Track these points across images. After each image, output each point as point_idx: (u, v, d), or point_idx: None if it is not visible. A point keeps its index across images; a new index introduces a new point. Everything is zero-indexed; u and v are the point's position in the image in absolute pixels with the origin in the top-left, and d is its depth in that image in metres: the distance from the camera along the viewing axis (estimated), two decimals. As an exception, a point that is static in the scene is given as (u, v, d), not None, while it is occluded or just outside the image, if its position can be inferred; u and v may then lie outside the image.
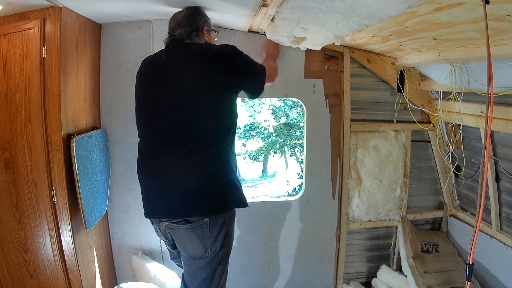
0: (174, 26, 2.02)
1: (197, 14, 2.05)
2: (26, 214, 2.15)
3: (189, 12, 2.04)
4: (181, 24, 1.99)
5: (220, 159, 1.86)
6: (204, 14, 2.08)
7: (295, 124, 11.99)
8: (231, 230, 1.95)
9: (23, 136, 2.09)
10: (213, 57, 1.85)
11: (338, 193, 2.99)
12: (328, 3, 1.60)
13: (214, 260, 1.91)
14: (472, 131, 2.64)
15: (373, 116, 2.98)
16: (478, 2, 1.22)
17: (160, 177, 1.88)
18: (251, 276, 3.03)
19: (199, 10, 2.07)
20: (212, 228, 1.82)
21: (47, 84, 2.05)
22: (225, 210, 1.88)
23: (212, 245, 1.86)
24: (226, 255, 1.99)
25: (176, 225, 1.84)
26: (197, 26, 2.00)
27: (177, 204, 1.83)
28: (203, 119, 1.82)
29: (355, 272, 3.16)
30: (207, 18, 2.09)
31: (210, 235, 1.83)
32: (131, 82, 2.68)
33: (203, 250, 1.86)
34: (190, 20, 2.00)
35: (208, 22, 2.08)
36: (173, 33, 2.00)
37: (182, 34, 1.97)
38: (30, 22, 2.04)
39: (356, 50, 2.83)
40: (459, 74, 2.27)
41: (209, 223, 1.81)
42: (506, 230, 2.47)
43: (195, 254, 1.88)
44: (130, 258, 2.83)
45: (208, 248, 1.85)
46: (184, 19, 2.00)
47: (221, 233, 1.86)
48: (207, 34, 2.06)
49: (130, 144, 2.67)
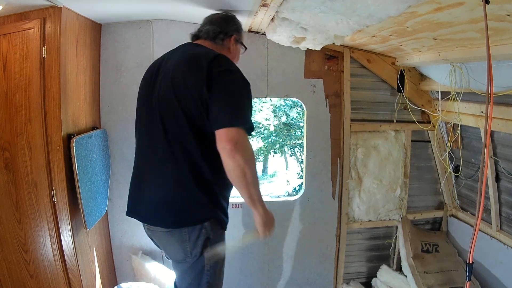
0: (205, 23, 1.95)
1: (232, 20, 1.99)
2: (26, 214, 2.15)
3: (226, 16, 2.00)
4: (213, 23, 1.92)
5: (195, 172, 1.67)
6: (239, 24, 2.01)
7: (295, 124, 11.99)
8: (214, 236, 1.76)
9: (23, 136, 2.10)
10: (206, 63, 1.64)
11: (338, 193, 2.99)
12: (328, 3, 1.60)
13: (197, 265, 1.77)
14: (472, 131, 2.64)
15: (373, 116, 2.98)
16: (478, 2, 1.22)
17: (143, 179, 1.81)
18: (251, 276, 3.03)
19: (236, 19, 2.01)
20: (191, 232, 1.71)
21: (47, 84, 2.06)
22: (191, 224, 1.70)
23: (192, 249, 1.73)
24: (213, 261, 1.79)
25: (155, 228, 1.77)
26: (227, 30, 1.91)
27: (151, 212, 1.76)
28: None
29: (355, 272, 3.16)
30: (241, 29, 2.01)
31: (189, 239, 1.71)
32: (131, 82, 2.69)
33: (184, 255, 1.75)
34: (223, 22, 1.93)
35: (240, 33, 1.99)
36: (200, 28, 1.94)
37: (209, 32, 1.89)
38: (30, 22, 2.04)
39: (356, 50, 2.83)
40: (459, 74, 2.27)
41: (187, 228, 1.70)
42: (506, 230, 2.47)
43: (177, 257, 1.81)
44: (130, 258, 2.83)
45: (188, 253, 1.74)
46: (218, 19, 1.95)
47: (200, 238, 1.72)
48: (234, 44, 1.94)
49: (130, 144, 2.66)
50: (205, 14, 2.48)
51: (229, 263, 2.92)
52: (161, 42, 2.69)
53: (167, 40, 2.69)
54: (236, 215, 2.93)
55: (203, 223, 1.70)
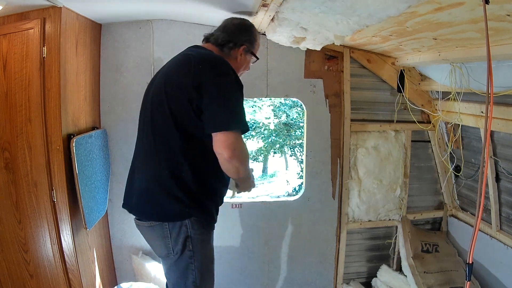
0: (220, 28, 1.92)
1: (247, 30, 1.92)
2: (26, 214, 2.15)
3: (241, 25, 1.92)
4: (226, 30, 1.89)
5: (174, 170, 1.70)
6: (254, 34, 1.93)
7: (295, 124, 11.99)
8: (196, 235, 1.74)
9: (23, 136, 2.10)
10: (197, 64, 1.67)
11: (338, 193, 2.99)
12: (328, 3, 1.60)
13: (181, 263, 1.77)
14: (472, 131, 2.64)
15: (373, 116, 2.98)
16: (478, 2, 1.22)
17: (134, 172, 1.87)
18: (251, 276, 3.03)
19: (252, 29, 1.94)
20: (171, 229, 1.73)
21: (47, 84, 2.06)
22: (169, 219, 1.73)
23: (174, 246, 1.75)
24: (198, 260, 1.76)
25: (140, 222, 1.83)
26: (237, 41, 1.87)
27: (135, 204, 1.82)
28: None
29: (355, 272, 3.16)
30: (255, 40, 1.94)
31: (170, 236, 1.73)
32: (131, 82, 2.70)
33: (166, 251, 1.78)
34: (236, 32, 1.88)
35: (252, 44, 1.93)
36: (213, 32, 1.91)
37: (217, 39, 1.87)
38: (30, 22, 2.04)
39: (356, 50, 2.83)
40: (459, 74, 2.27)
41: (168, 224, 1.73)
42: (506, 230, 2.47)
43: (161, 253, 1.83)
44: (130, 258, 2.83)
45: (170, 249, 1.76)
46: (232, 27, 1.90)
47: (180, 235, 1.73)
48: (242, 54, 1.90)
49: (130, 144, 2.65)
50: (205, 14, 2.49)
51: (229, 263, 2.95)
52: (161, 42, 2.69)
53: (167, 40, 2.70)
54: (236, 215, 2.93)
55: (182, 220, 1.72)
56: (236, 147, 1.59)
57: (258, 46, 1.99)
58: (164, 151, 1.71)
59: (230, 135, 1.59)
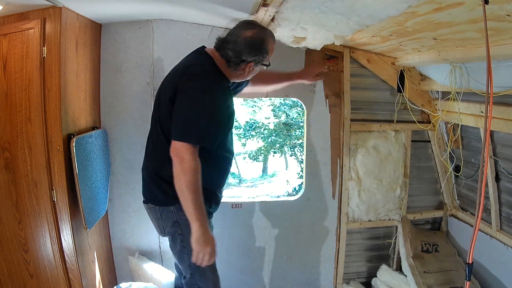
0: (231, 40, 1.85)
1: (257, 49, 1.85)
2: (26, 214, 2.16)
3: (252, 40, 1.84)
4: (235, 46, 1.84)
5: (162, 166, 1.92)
6: (264, 50, 1.87)
7: (295, 123, 11.99)
8: (183, 220, 1.83)
9: (23, 136, 2.10)
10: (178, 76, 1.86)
11: (338, 193, 2.99)
12: (328, 3, 1.60)
13: (176, 246, 2.00)
14: (472, 131, 2.64)
15: (373, 116, 2.98)
16: (477, 2, 1.22)
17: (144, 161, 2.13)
18: (251, 276, 3.03)
19: (263, 45, 1.86)
20: (162, 212, 1.97)
21: (47, 84, 2.06)
22: (158, 203, 1.98)
23: (165, 228, 2.00)
24: (189, 245, 1.80)
25: (144, 204, 2.09)
26: (243, 59, 1.85)
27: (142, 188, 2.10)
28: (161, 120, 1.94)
29: (355, 272, 3.16)
30: (266, 54, 1.89)
31: (161, 218, 1.98)
32: (131, 82, 2.70)
33: (159, 230, 2.07)
34: (244, 50, 1.83)
35: (261, 59, 1.89)
36: (226, 40, 1.87)
37: (227, 55, 1.86)
38: (30, 22, 2.04)
39: (356, 50, 2.83)
40: (459, 74, 2.27)
41: (157, 208, 1.98)
42: (506, 230, 2.47)
43: (158, 231, 2.11)
44: (127, 260, 2.83)
45: (163, 230, 2.02)
46: (242, 43, 1.83)
47: (169, 219, 1.95)
48: (251, 67, 1.90)
49: (130, 144, 2.67)
50: (205, 14, 2.49)
51: (229, 262, 2.96)
52: (161, 42, 2.69)
53: (167, 40, 2.70)
54: (236, 215, 2.93)
55: (168, 206, 1.93)
56: (180, 155, 1.72)
57: (270, 55, 1.95)
58: (156, 150, 1.98)
59: (179, 144, 1.73)
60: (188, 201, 1.73)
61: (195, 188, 1.72)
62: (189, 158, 1.71)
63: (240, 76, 1.99)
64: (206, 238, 1.76)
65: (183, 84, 1.78)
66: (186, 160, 1.70)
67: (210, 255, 1.79)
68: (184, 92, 1.77)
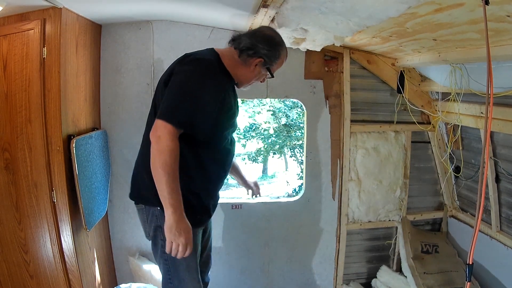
0: (250, 32, 1.91)
1: (271, 45, 1.86)
2: (26, 215, 2.15)
3: (270, 37, 1.88)
4: (252, 36, 1.86)
5: None
6: (277, 52, 1.88)
7: (295, 124, 11.98)
8: None
9: (23, 137, 2.10)
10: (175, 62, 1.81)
11: (338, 194, 2.99)
12: (328, 4, 1.60)
13: (156, 250, 1.89)
14: (472, 131, 2.64)
15: (373, 117, 2.98)
16: (478, 3, 1.22)
17: None
18: (251, 277, 3.03)
19: (278, 47, 1.89)
20: (148, 214, 1.87)
21: (47, 85, 2.06)
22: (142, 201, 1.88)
23: (149, 231, 1.89)
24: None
25: (135, 205, 1.97)
26: (257, 50, 1.84)
27: None
28: None
29: (355, 273, 3.16)
30: (275, 58, 1.89)
31: (147, 220, 1.88)
32: (131, 82, 2.70)
33: (145, 233, 1.94)
34: (260, 41, 1.84)
35: (271, 60, 1.88)
36: (240, 36, 1.89)
37: (240, 43, 1.85)
38: (30, 23, 2.04)
39: (356, 51, 2.83)
40: (459, 75, 2.27)
41: (144, 209, 1.88)
42: (506, 230, 2.47)
43: (144, 233, 1.96)
44: (128, 260, 2.83)
45: (147, 233, 1.92)
46: (260, 35, 1.86)
47: (152, 222, 1.85)
48: (258, 65, 1.88)
49: (130, 145, 2.67)
50: (205, 15, 2.49)
51: (229, 263, 2.96)
52: (161, 43, 2.69)
53: (167, 41, 2.70)
54: (236, 216, 2.93)
55: (154, 207, 1.81)
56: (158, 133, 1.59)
57: (278, 65, 1.95)
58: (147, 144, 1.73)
59: (161, 123, 1.60)
60: (162, 184, 1.58)
61: (171, 170, 1.58)
62: (167, 137, 1.58)
63: (245, 75, 1.92)
64: (180, 226, 1.60)
65: (179, 68, 1.74)
66: (164, 140, 1.58)
67: (184, 246, 1.62)
68: (177, 73, 1.72)
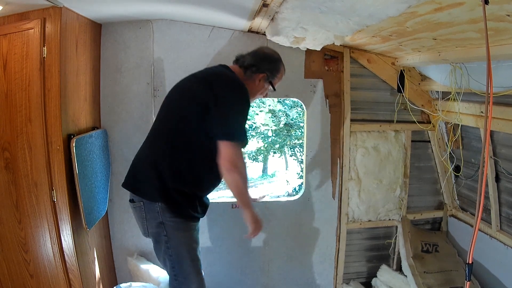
0: (251, 52, 2.17)
1: (272, 62, 2.14)
2: (26, 214, 2.16)
3: (270, 55, 2.16)
4: (253, 55, 2.13)
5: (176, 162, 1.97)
6: (277, 67, 2.16)
7: (295, 124, 11.98)
8: (168, 221, 1.97)
9: (23, 136, 2.10)
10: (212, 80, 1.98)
11: (338, 193, 2.99)
12: (328, 4, 1.60)
13: (160, 247, 2.02)
14: (472, 131, 2.64)
15: (373, 116, 2.98)
16: (477, 2, 1.22)
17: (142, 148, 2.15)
18: (251, 276, 3.03)
19: (277, 62, 2.17)
20: (147, 211, 1.99)
21: (47, 84, 2.06)
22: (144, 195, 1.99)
23: (149, 228, 2.02)
24: (173, 247, 2.00)
25: (130, 203, 2.08)
26: (260, 67, 2.10)
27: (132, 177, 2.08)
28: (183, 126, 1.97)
29: (355, 272, 3.16)
30: (276, 72, 2.16)
31: (146, 217, 2.00)
32: (131, 82, 2.70)
33: (143, 231, 2.07)
34: (263, 59, 2.12)
35: (273, 74, 2.14)
36: (244, 55, 2.15)
37: (244, 61, 2.11)
38: (30, 22, 2.04)
39: (356, 50, 2.83)
40: (459, 74, 2.27)
41: (143, 206, 1.99)
42: (506, 230, 2.47)
43: (141, 231, 2.10)
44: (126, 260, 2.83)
45: (146, 230, 2.04)
46: (261, 54, 2.15)
47: (152, 220, 1.98)
48: (261, 80, 2.13)
49: (130, 144, 2.67)
50: (205, 14, 2.49)
51: (229, 263, 2.96)
52: (161, 42, 2.69)
53: (167, 40, 2.70)
54: (236, 215, 2.93)
55: (156, 202, 1.95)
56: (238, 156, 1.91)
57: (279, 79, 2.21)
58: (167, 143, 1.97)
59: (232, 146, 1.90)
60: (244, 192, 1.99)
61: (247, 181, 2.01)
62: (240, 158, 1.93)
63: (251, 90, 2.10)
64: (259, 218, 2.10)
65: (224, 92, 1.94)
66: (239, 159, 1.92)
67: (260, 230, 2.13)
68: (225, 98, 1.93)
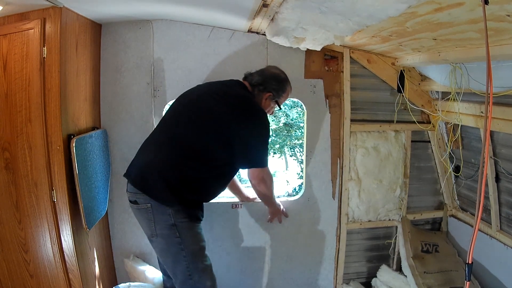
0: (260, 70, 2.37)
1: (278, 82, 2.34)
2: (26, 214, 2.16)
3: (276, 75, 2.36)
4: (261, 74, 2.33)
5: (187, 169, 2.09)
6: (283, 87, 2.36)
7: (295, 124, 11.98)
8: (180, 222, 2.05)
9: (23, 136, 2.10)
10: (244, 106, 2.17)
11: (338, 193, 2.99)
12: (328, 4, 1.60)
13: (172, 248, 2.07)
14: (472, 131, 2.64)
15: (373, 116, 2.98)
16: (477, 3, 1.22)
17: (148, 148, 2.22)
18: (251, 276, 3.03)
19: (283, 82, 2.37)
20: (155, 214, 2.04)
21: (47, 84, 2.06)
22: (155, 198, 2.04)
23: (157, 230, 2.06)
24: (187, 247, 2.07)
25: (132, 204, 2.13)
26: (267, 86, 2.29)
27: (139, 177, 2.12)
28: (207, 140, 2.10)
29: (355, 272, 3.16)
30: (282, 92, 2.35)
31: (154, 219, 2.05)
32: (131, 82, 2.70)
33: (149, 232, 2.11)
34: (269, 78, 2.31)
35: (278, 94, 2.34)
36: (252, 73, 2.35)
37: (252, 80, 2.31)
38: (30, 22, 2.04)
39: (356, 50, 2.83)
40: (459, 74, 2.27)
41: (151, 209, 2.03)
42: (506, 230, 2.47)
43: (147, 233, 2.15)
44: (125, 261, 2.83)
45: (154, 232, 2.08)
46: (268, 73, 2.34)
47: (162, 222, 2.04)
48: (267, 99, 2.32)
49: (130, 144, 2.67)
50: (205, 14, 2.50)
51: (229, 263, 2.96)
52: (161, 42, 2.69)
53: (167, 40, 2.70)
54: (236, 215, 2.93)
55: (168, 207, 2.02)
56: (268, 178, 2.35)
57: (285, 98, 2.42)
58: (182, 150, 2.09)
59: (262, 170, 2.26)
60: (269, 200, 2.60)
61: (272, 189, 2.51)
62: (269, 177, 2.38)
63: None
64: (277, 208, 2.78)
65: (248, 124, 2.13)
66: (268, 179, 2.36)
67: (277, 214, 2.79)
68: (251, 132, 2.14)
